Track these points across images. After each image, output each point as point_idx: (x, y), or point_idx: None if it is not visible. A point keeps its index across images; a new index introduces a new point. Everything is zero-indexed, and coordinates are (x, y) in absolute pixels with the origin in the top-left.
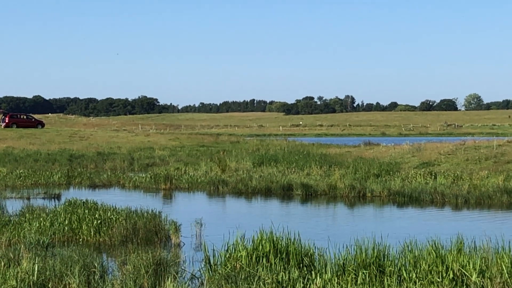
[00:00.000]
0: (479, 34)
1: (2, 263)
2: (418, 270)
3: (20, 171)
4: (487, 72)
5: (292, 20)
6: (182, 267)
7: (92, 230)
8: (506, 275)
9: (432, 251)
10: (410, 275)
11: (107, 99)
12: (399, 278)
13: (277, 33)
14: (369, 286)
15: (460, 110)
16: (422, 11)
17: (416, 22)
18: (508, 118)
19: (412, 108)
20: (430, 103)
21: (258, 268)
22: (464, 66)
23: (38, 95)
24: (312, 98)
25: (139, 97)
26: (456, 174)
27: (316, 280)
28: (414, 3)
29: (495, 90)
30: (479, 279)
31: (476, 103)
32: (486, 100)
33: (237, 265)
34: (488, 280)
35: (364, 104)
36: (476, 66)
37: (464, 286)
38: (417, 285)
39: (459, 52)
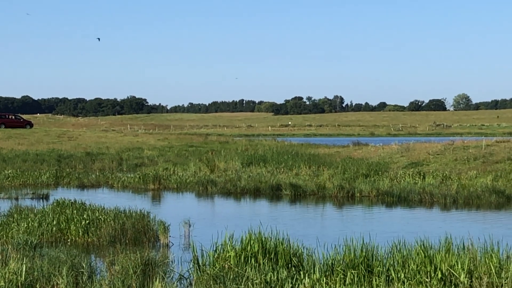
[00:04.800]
0: (468, 35)
1: None
2: (407, 270)
3: (8, 172)
4: (476, 73)
5: (281, 21)
6: (171, 268)
7: (80, 231)
8: (494, 274)
9: (421, 251)
10: (399, 275)
11: (96, 99)
12: (387, 278)
13: (266, 34)
14: (358, 286)
15: (449, 110)
16: (410, 11)
17: (405, 23)
18: (496, 118)
19: (401, 108)
20: (419, 103)
21: (246, 269)
22: (452, 66)
23: (27, 95)
24: (301, 98)
25: (128, 97)
26: (444, 174)
27: (305, 280)
28: (402, 4)
29: (483, 90)
30: (467, 279)
31: (464, 103)
32: (474, 100)
33: (226, 265)
34: (476, 280)
35: (353, 104)
36: (465, 66)
37: (453, 286)
38: (405, 285)
39: (447, 52)
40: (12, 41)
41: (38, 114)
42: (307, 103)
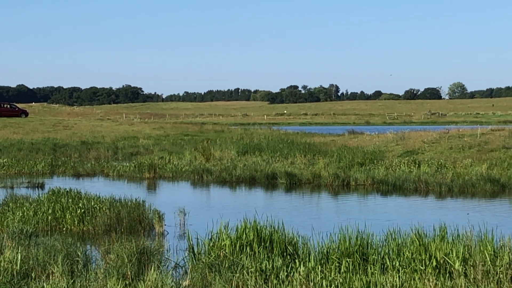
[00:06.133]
0: (463, 23)
1: None
2: (402, 258)
3: (4, 161)
4: (471, 61)
5: (277, 10)
6: (166, 256)
7: (75, 219)
8: (489, 262)
9: (416, 239)
10: (394, 263)
11: (91, 88)
12: (382, 266)
13: (262, 22)
14: (353, 275)
15: (444, 98)
16: (405, 0)
17: (400, 11)
18: (491, 107)
19: (396, 97)
20: (414, 92)
21: (242, 257)
22: (448, 55)
23: (22, 84)
24: (296, 87)
25: (123, 86)
26: (439, 163)
27: (300, 268)
28: None
29: (479, 79)
30: (462, 267)
31: (460, 92)
32: (470, 88)
33: (221, 254)
34: (471, 268)
35: (349, 93)
36: (460, 54)
37: (447, 274)
38: (400, 273)
39: (443, 41)
40: (7, 30)
41: (33, 103)
42: (303, 91)
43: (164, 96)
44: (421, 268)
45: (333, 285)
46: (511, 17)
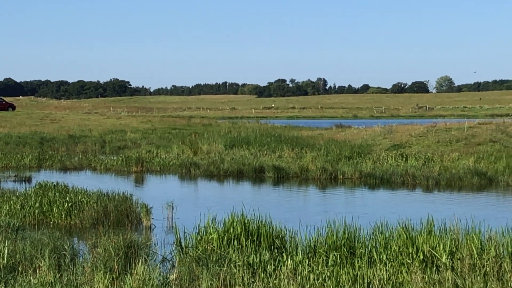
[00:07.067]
0: (450, 17)
1: None
2: (389, 252)
3: None
4: (459, 55)
5: (264, 3)
6: (153, 250)
7: (63, 213)
8: (476, 256)
9: (403, 232)
10: (381, 256)
11: (79, 81)
12: (369, 260)
13: (250, 16)
14: (340, 268)
15: (431, 92)
16: None
17: (387, 5)
18: (479, 101)
19: (384, 91)
20: (402, 86)
21: (229, 251)
22: (435, 49)
23: (9, 78)
24: (284, 80)
25: (111, 79)
26: (427, 156)
27: (287, 262)
28: None
29: (466, 73)
30: (449, 260)
31: (447, 86)
32: (457, 82)
33: (208, 247)
34: (458, 261)
35: (336, 87)
36: (448, 48)
37: (434, 267)
38: (387, 267)
39: (430, 35)
40: None
41: (21, 96)
42: (290, 85)
43: (151, 90)
44: (408, 261)
45: (320, 279)
46: (498, 11)
